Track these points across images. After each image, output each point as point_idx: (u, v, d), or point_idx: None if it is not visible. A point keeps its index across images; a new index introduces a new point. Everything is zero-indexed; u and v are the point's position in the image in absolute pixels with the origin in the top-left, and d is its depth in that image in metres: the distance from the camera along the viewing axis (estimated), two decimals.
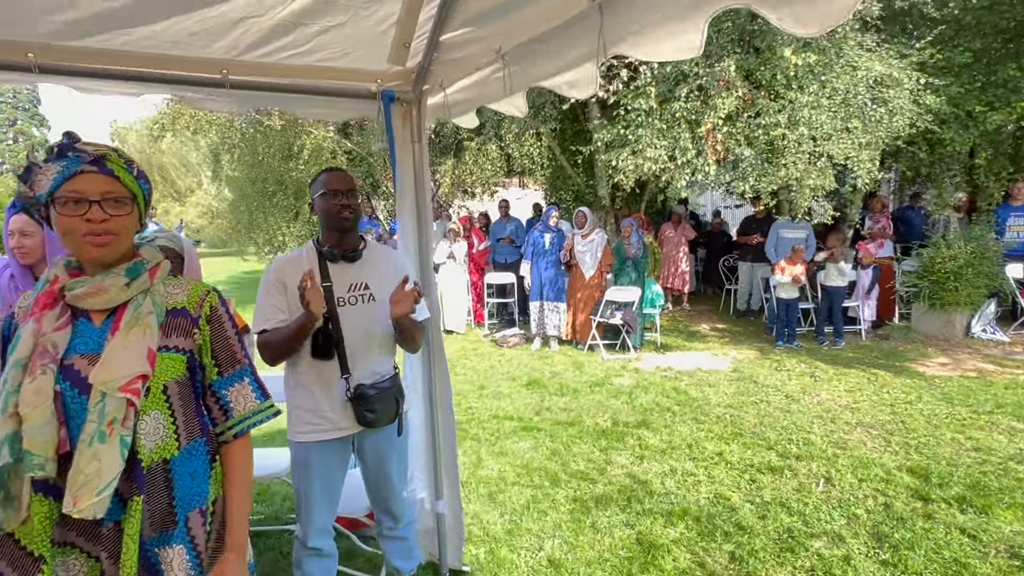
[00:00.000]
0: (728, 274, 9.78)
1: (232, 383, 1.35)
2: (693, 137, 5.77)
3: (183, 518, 1.24)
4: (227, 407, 1.35)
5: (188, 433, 1.27)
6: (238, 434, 1.36)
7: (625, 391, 5.32)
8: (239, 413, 1.35)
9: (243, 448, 1.38)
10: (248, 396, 1.37)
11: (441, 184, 8.79)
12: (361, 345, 1.96)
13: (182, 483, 1.24)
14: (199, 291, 1.33)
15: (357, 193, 1.98)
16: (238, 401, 1.36)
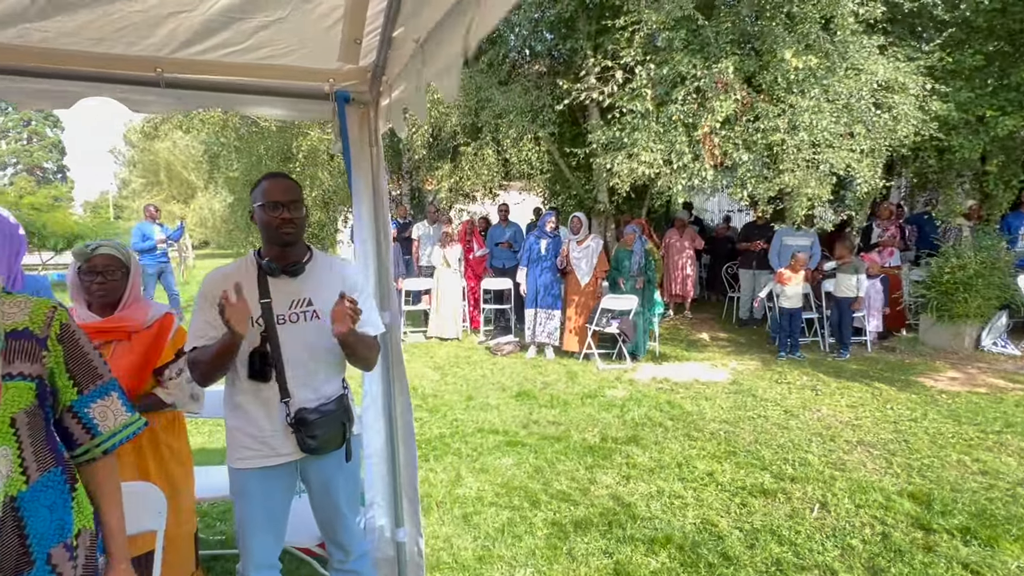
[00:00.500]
0: (731, 281, 9.58)
1: (95, 399, 1.27)
2: (690, 141, 5.60)
3: (43, 556, 1.12)
4: (92, 425, 1.26)
5: (39, 464, 1.16)
6: (108, 451, 1.28)
7: (617, 404, 5.14)
8: (108, 429, 1.28)
9: (112, 465, 1.31)
10: (117, 410, 1.31)
11: (439, 189, 8.66)
12: (303, 365, 1.82)
13: (37, 519, 1.13)
14: (43, 309, 1.20)
15: (302, 204, 1.83)
16: (105, 417, 1.28)
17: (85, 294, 2.06)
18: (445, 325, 7.81)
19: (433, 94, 8.01)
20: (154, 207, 8.80)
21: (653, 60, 5.69)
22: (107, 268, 2.05)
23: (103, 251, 2.05)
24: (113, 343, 2.05)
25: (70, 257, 9.33)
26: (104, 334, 2.04)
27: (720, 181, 5.66)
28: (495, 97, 7.70)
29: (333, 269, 1.93)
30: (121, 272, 2.09)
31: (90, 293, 2.05)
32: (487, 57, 7.97)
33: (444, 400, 5.20)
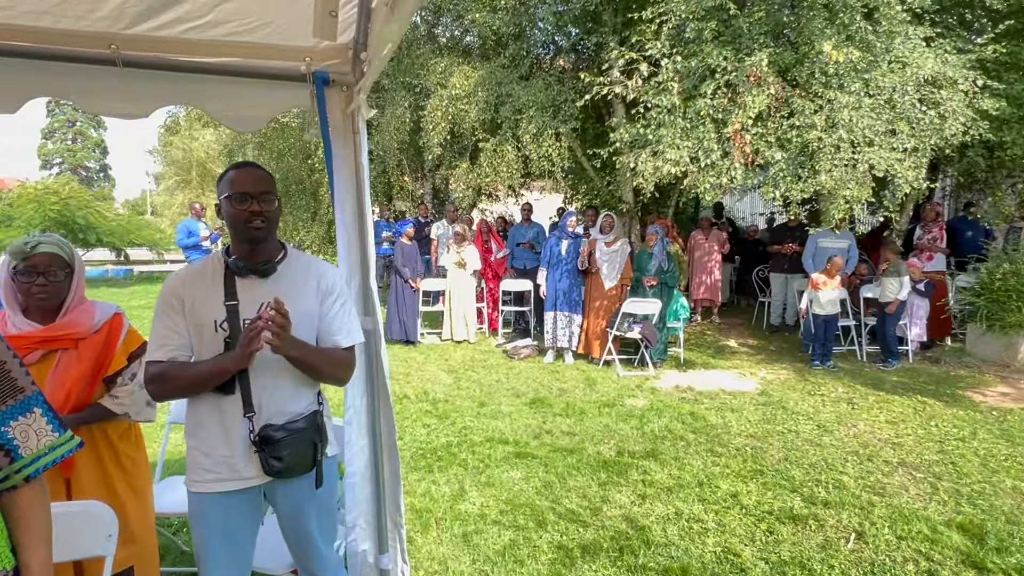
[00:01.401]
0: (762, 285, 9.18)
1: (14, 417, 1.09)
2: (719, 138, 5.29)
3: None
4: (11, 447, 1.08)
5: None
6: (30, 477, 1.09)
7: (637, 414, 4.88)
8: (31, 451, 1.10)
9: (38, 493, 1.11)
10: (41, 429, 1.12)
11: (456, 188, 8.48)
12: (271, 377, 1.63)
13: None
14: None
15: (274, 197, 1.64)
16: (27, 437, 1.10)
17: (23, 297, 1.85)
18: (458, 328, 7.63)
19: (452, 89, 7.85)
20: (200, 204, 8.85)
21: (681, 52, 5.40)
22: (49, 268, 1.83)
23: (44, 249, 1.83)
24: (58, 353, 1.86)
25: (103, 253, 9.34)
26: (47, 343, 1.85)
27: (751, 180, 5.33)
28: (515, 92, 7.49)
29: (309, 270, 1.74)
30: (64, 272, 1.88)
31: (29, 296, 1.83)
32: (508, 51, 7.76)
33: (455, 406, 5.01)
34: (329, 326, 1.73)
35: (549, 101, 7.41)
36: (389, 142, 9.18)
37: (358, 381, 1.97)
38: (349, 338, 1.76)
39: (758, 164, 5.34)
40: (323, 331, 1.73)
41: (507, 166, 7.77)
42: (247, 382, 1.60)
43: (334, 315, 1.74)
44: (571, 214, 6.82)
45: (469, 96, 7.92)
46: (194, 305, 1.61)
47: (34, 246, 1.81)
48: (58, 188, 13.50)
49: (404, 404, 5.03)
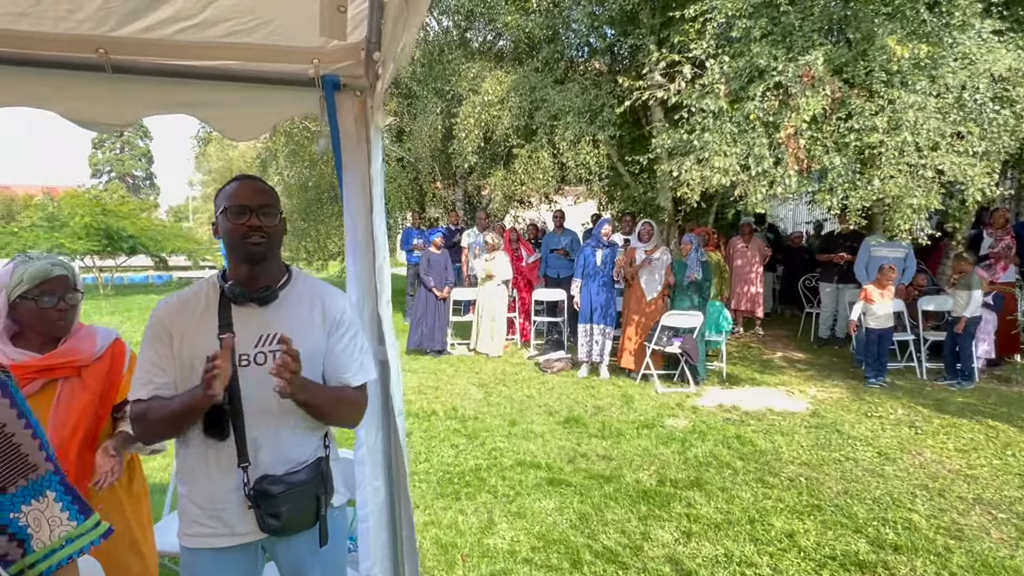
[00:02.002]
0: (809, 295, 8.70)
1: (27, 501, 0.90)
2: (770, 143, 4.95)
3: None
4: (23, 535, 0.88)
5: None
6: (45, 573, 0.89)
7: (678, 437, 4.57)
8: (43, 545, 0.90)
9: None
10: (55, 517, 0.92)
11: (493, 198, 8.30)
12: (269, 421, 1.44)
13: None
14: None
15: (276, 211, 1.45)
16: (40, 527, 0.90)
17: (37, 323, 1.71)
18: (486, 341, 7.42)
19: (484, 95, 7.67)
20: None
21: (727, 52, 5.09)
22: (66, 291, 1.72)
23: (58, 272, 1.71)
24: (59, 382, 1.72)
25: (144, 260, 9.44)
26: (48, 372, 1.70)
27: (805, 188, 4.96)
28: (551, 97, 7.27)
29: (315, 296, 1.55)
30: (79, 294, 1.78)
31: (47, 321, 1.71)
32: (542, 55, 7.55)
33: (485, 424, 4.79)
34: (337, 362, 1.53)
35: (586, 106, 7.17)
36: (421, 149, 9.07)
37: (372, 417, 1.77)
38: (360, 375, 1.56)
39: (814, 170, 4.97)
40: (331, 368, 1.53)
41: (543, 173, 7.55)
42: (242, 426, 1.41)
43: (343, 349, 1.54)
44: (605, 222, 6.55)
45: (502, 102, 7.74)
46: (184, 338, 1.43)
47: (51, 268, 1.68)
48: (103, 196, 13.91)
49: (432, 421, 4.84)
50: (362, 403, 1.59)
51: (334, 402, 1.49)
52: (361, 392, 1.58)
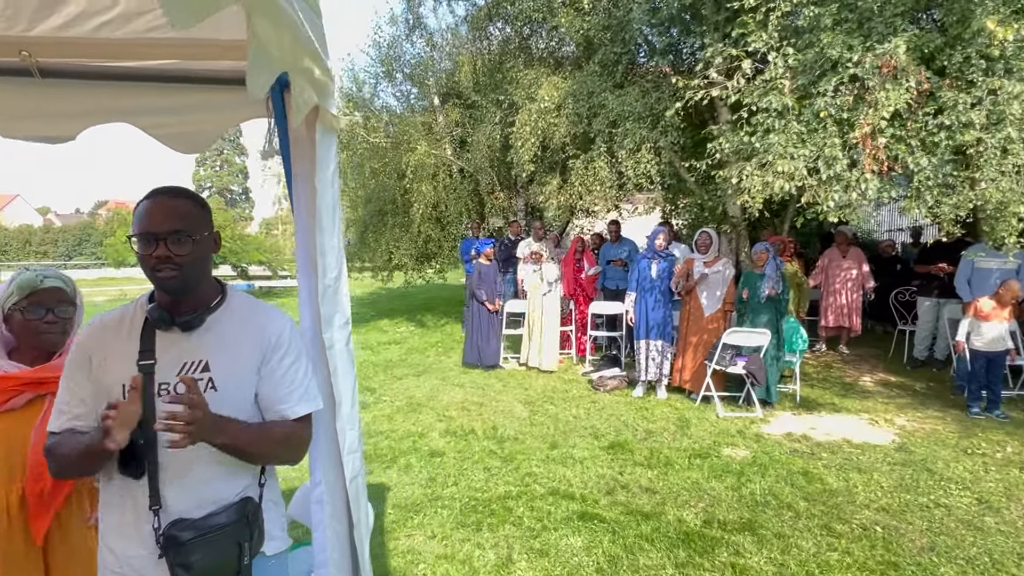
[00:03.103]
0: (903, 310, 7.82)
1: None
2: (844, 143, 4.42)
3: None
4: None
5: None
6: None
7: (734, 469, 4.13)
8: None
9: None
10: None
11: (548, 207, 8.09)
12: (186, 459, 1.29)
13: None
14: None
15: (189, 235, 1.29)
16: None
17: (27, 336, 1.73)
18: (537, 355, 7.17)
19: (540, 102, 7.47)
20: None
21: (793, 44, 4.61)
22: (58, 304, 1.74)
23: (50, 283, 1.73)
24: (47, 397, 1.70)
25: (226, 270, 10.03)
26: (37, 386, 1.71)
27: (887, 194, 4.38)
28: (609, 102, 6.95)
29: (250, 320, 1.40)
30: (74, 307, 1.79)
31: (35, 334, 1.72)
32: (599, 57, 7.25)
33: (523, 447, 4.56)
34: (273, 391, 1.38)
35: (646, 110, 6.80)
36: (480, 159, 9.01)
37: (330, 451, 1.59)
38: (302, 405, 1.40)
39: (897, 174, 4.39)
40: (265, 398, 1.38)
41: (600, 183, 7.23)
42: (156, 466, 1.28)
43: (281, 376, 1.39)
44: (659, 231, 6.16)
45: (559, 109, 7.51)
46: (103, 363, 1.32)
47: (41, 280, 1.68)
48: None
49: (469, 441, 4.67)
50: (302, 438, 1.42)
51: (261, 441, 1.33)
52: (302, 425, 1.41)
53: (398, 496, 3.67)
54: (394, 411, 5.45)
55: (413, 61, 10.71)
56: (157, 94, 1.46)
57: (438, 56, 10.64)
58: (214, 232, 1.41)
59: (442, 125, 10.20)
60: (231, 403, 1.31)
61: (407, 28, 10.62)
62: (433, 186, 9.21)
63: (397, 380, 6.65)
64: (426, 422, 5.12)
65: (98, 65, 1.37)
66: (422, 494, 3.69)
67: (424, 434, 4.81)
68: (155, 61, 1.39)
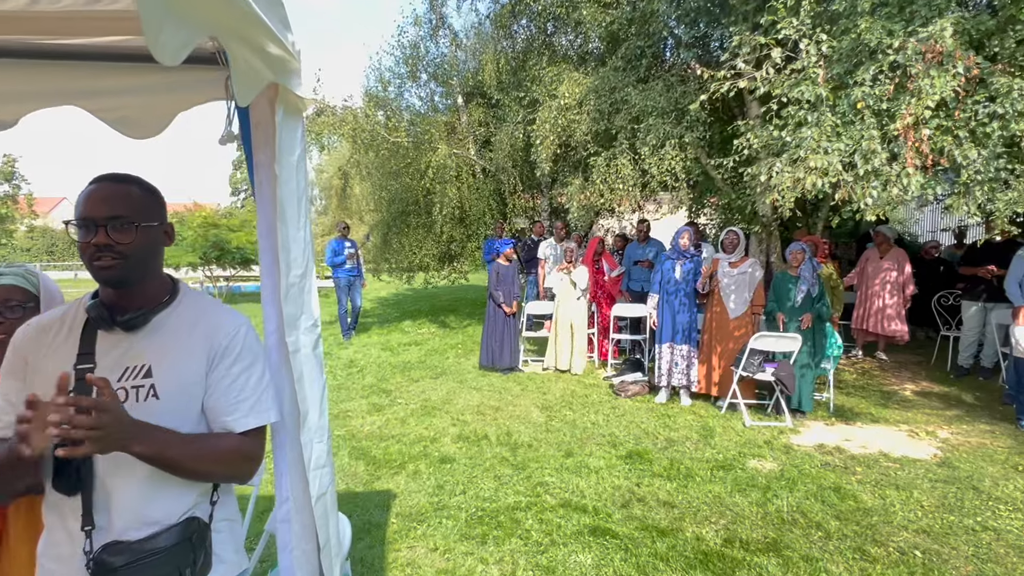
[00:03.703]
0: (946, 315, 7.38)
1: None
2: (883, 136, 4.12)
3: None
4: None
5: None
6: None
7: (760, 483, 3.88)
8: None
9: None
10: None
11: (569, 206, 7.89)
12: (124, 474, 1.17)
13: None
14: None
15: (133, 222, 1.18)
16: None
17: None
18: (563, 357, 6.97)
19: (561, 99, 7.29)
20: (345, 224, 9.32)
21: (826, 30, 4.33)
22: (6, 302, 1.62)
23: (4, 282, 1.63)
24: None
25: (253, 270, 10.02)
26: None
27: (931, 190, 4.06)
28: (632, 97, 6.73)
29: (200, 319, 1.27)
30: (28, 307, 1.66)
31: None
32: (622, 51, 7.02)
33: (537, 454, 4.38)
34: (220, 401, 1.25)
35: (671, 105, 6.55)
36: (503, 160, 8.87)
37: (295, 465, 1.45)
38: (252, 417, 1.26)
39: (941, 168, 4.06)
40: (211, 408, 1.25)
41: (623, 182, 7.00)
42: (90, 483, 1.16)
43: (230, 383, 1.25)
44: (683, 231, 5.91)
45: (580, 105, 7.32)
46: (38, 366, 1.21)
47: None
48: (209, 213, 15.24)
49: (482, 447, 4.51)
50: (249, 454, 1.28)
51: (197, 455, 1.19)
52: (250, 440, 1.27)
53: (403, 504, 3.54)
54: (408, 414, 5.33)
55: (437, 61, 10.65)
56: (105, 74, 1.35)
57: (462, 55, 10.55)
58: (166, 224, 1.29)
59: (465, 125, 10.10)
60: (174, 413, 1.18)
61: (430, 28, 10.56)
62: (456, 187, 9.11)
63: (414, 382, 6.54)
64: (439, 426, 4.99)
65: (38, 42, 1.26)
66: (428, 503, 3.55)
67: (436, 439, 4.68)
68: (102, 38, 1.28)
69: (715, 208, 9.07)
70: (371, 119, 8.89)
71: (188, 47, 0.84)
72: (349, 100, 9.15)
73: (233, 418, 1.24)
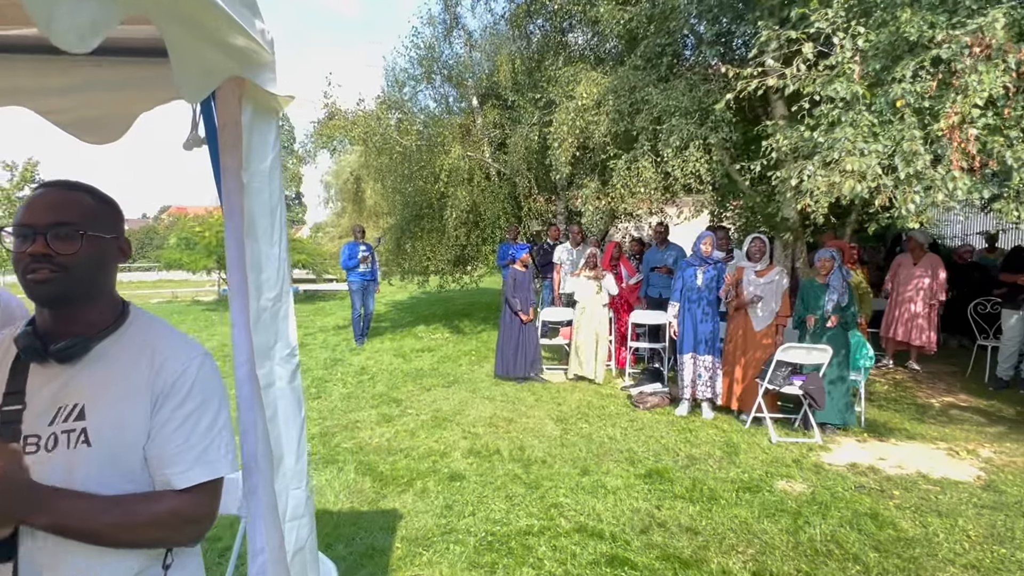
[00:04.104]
0: (983, 323, 7.01)
1: None
2: (926, 137, 3.84)
3: None
4: None
5: None
6: None
7: (790, 508, 3.63)
8: None
9: None
10: None
11: (585, 211, 7.67)
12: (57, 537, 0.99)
13: None
14: None
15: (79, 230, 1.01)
16: None
17: None
18: (587, 365, 6.74)
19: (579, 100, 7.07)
20: (360, 227, 9.21)
21: (863, 23, 4.06)
22: None
23: None
24: None
25: None
26: None
27: (978, 193, 3.77)
28: (653, 97, 6.49)
29: (146, 350, 1.08)
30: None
31: None
32: (641, 49, 6.78)
33: (551, 471, 4.17)
34: (161, 450, 1.05)
35: (694, 105, 6.30)
36: (518, 162, 8.68)
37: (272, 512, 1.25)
38: (196, 471, 1.05)
39: (990, 170, 3.77)
40: (152, 458, 1.05)
41: (644, 185, 6.75)
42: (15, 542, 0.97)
43: (174, 431, 1.05)
44: (705, 235, 5.66)
45: (599, 106, 7.09)
46: None
47: None
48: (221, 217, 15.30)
49: (493, 462, 4.31)
50: (191, 516, 1.06)
51: (120, 522, 0.99)
52: (195, 498, 1.06)
53: (409, 527, 3.35)
54: (418, 426, 5.15)
55: (451, 62, 10.50)
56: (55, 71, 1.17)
57: (477, 56, 10.38)
58: (122, 239, 1.12)
59: (480, 127, 9.94)
60: (108, 464, 1.00)
61: (445, 29, 10.41)
62: (469, 190, 8.93)
63: (425, 391, 6.36)
64: (450, 440, 4.80)
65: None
66: (435, 525, 3.36)
67: (446, 453, 4.49)
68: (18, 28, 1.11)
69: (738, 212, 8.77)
70: (383, 121, 8.74)
71: (100, 28, 0.66)
72: (361, 103, 9.01)
73: (174, 471, 1.04)
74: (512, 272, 6.84)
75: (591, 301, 6.74)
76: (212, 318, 12.89)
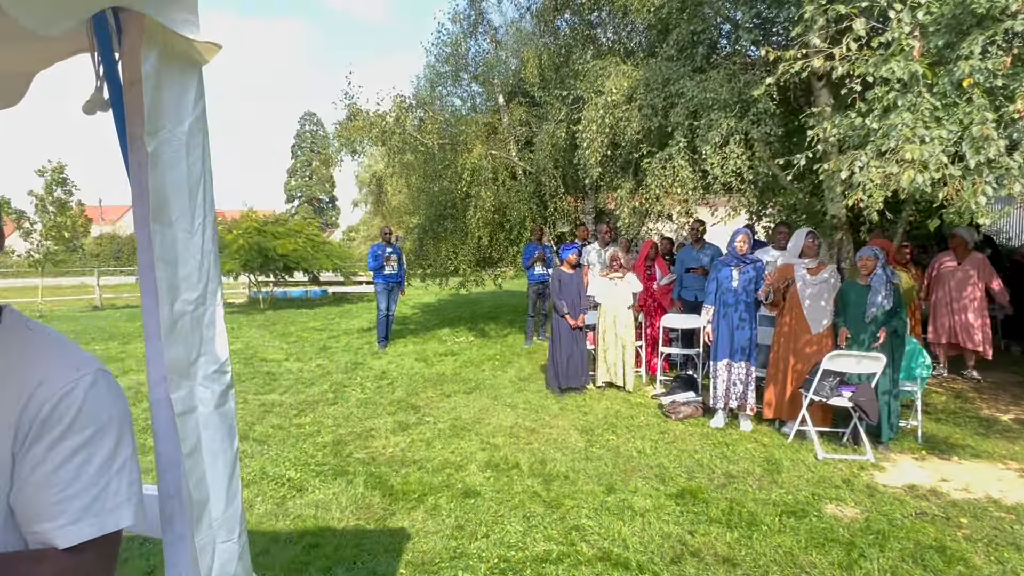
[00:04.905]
0: None
1: None
2: (999, 120, 3.40)
3: None
4: None
5: None
6: None
7: (842, 537, 3.23)
8: None
9: None
10: None
11: (620, 212, 7.31)
12: None
13: None
14: None
15: None
16: None
17: None
18: (619, 370, 6.37)
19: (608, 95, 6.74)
20: (388, 229, 9.11)
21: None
22: None
23: None
24: None
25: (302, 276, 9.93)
26: None
27: None
28: (688, 90, 6.12)
29: (19, 366, 0.82)
30: None
31: None
32: (673, 38, 6.41)
33: (574, 489, 3.85)
34: (34, 499, 0.79)
35: (734, 97, 5.90)
36: (545, 161, 8.38)
37: (191, 570, 1.00)
38: (84, 524, 0.79)
39: None
40: (23, 509, 0.79)
41: (680, 185, 6.36)
42: None
43: (50, 474, 0.78)
44: (740, 231, 5.26)
45: (630, 101, 6.74)
46: None
47: None
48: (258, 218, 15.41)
49: (512, 477, 4.02)
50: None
51: None
52: (85, 557, 0.80)
53: (416, 549, 3.09)
54: (435, 435, 4.90)
55: (477, 59, 10.28)
56: None
57: (503, 53, 10.14)
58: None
59: (507, 125, 9.68)
60: None
61: (470, 25, 10.20)
62: (494, 189, 8.67)
63: (445, 398, 6.12)
64: (467, 451, 4.53)
65: None
66: (445, 548, 3.09)
67: (462, 466, 4.22)
68: None
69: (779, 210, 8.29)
70: (402, 122, 8.56)
71: None
72: (381, 103, 8.85)
73: (55, 525, 0.78)
74: (558, 273, 6.44)
75: (615, 304, 6.38)
76: (240, 320, 12.95)
